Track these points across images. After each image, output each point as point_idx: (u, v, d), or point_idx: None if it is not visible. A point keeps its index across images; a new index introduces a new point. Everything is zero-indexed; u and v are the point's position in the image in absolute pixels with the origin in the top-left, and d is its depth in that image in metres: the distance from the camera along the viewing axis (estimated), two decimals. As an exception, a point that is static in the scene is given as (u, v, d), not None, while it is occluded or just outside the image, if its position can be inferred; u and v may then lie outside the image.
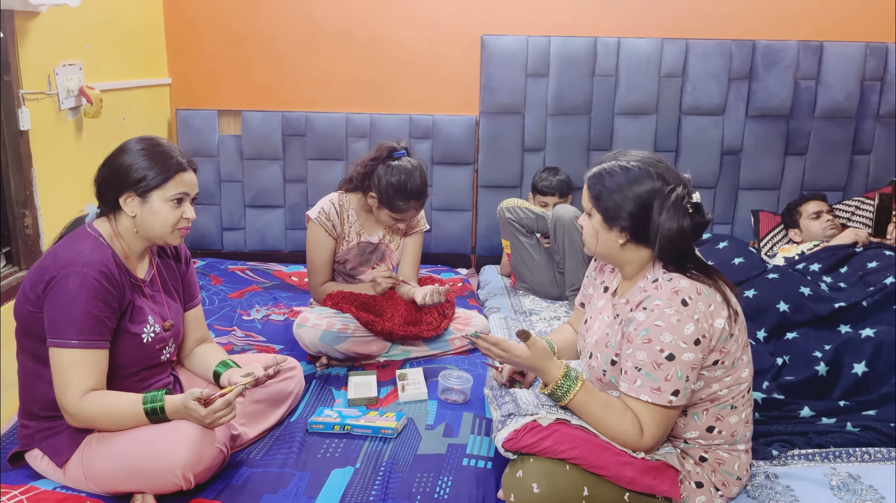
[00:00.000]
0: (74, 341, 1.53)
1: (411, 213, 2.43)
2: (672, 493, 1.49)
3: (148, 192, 1.62)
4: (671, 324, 1.41)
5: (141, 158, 1.62)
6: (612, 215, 1.51)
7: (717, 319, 1.44)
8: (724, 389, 1.52)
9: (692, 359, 1.42)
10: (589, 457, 1.45)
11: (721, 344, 1.46)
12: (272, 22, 3.34)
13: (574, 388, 1.52)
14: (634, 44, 3.24)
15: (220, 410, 1.58)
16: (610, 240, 1.54)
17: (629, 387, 1.46)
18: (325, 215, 2.45)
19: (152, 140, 1.67)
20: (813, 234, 2.96)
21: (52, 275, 1.54)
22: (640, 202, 1.48)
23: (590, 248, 1.61)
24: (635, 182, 1.49)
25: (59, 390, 1.56)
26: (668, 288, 1.45)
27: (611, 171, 1.53)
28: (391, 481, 1.73)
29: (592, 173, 1.57)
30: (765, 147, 3.33)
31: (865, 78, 3.26)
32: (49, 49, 2.37)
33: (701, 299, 1.44)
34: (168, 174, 1.63)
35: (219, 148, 3.40)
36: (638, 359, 1.44)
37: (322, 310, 2.40)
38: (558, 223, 2.79)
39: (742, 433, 1.57)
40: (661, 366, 1.41)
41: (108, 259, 1.60)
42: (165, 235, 1.67)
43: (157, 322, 1.72)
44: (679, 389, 1.42)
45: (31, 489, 1.60)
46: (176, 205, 1.65)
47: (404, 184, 2.33)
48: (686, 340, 1.41)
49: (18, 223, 2.27)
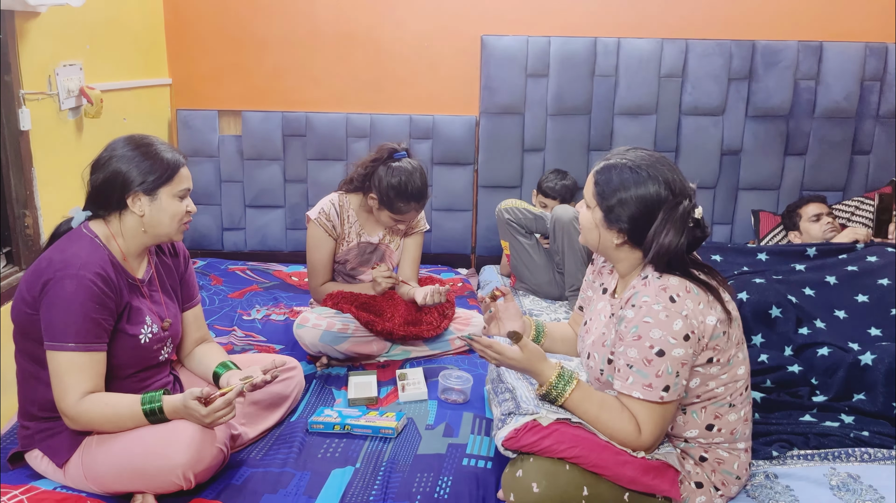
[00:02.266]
0: (71, 344, 1.53)
1: (412, 215, 2.43)
2: (672, 493, 1.49)
3: (156, 189, 1.63)
4: (660, 320, 1.42)
5: (142, 158, 1.63)
6: (613, 215, 1.51)
7: (707, 316, 1.45)
8: (721, 387, 1.52)
9: (682, 355, 1.42)
10: (589, 456, 1.46)
11: (714, 341, 1.46)
12: (272, 22, 3.34)
13: (568, 389, 1.53)
14: (634, 44, 3.24)
15: (221, 409, 1.58)
16: (607, 237, 1.54)
17: (622, 385, 1.47)
18: (326, 215, 2.45)
19: (143, 139, 1.68)
20: (813, 237, 2.97)
21: (48, 278, 1.54)
22: (644, 208, 1.48)
23: (586, 240, 1.60)
24: (642, 187, 1.48)
25: (58, 394, 1.56)
26: (657, 285, 1.46)
27: (620, 169, 1.51)
28: (391, 481, 1.73)
29: (601, 168, 1.55)
30: (765, 147, 3.33)
31: (865, 78, 3.26)
32: (49, 49, 2.37)
33: (690, 297, 1.44)
34: (173, 170, 1.65)
35: (219, 148, 3.40)
36: (629, 356, 1.45)
37: (322, 311, 2.40)
38: (557, 224, 2.78)
39: (741, 431, 1.58)
40: (651, 362, 1.42)
41: (105, 261, 1.60)
42: (173, 231, 1.69)
43: (155, 322, 1.72)
44: (669, 385, 1.43)
45: (32, 489, 1.61)
46: (181, 199, 1.68)
47: (405, 185, 2.33)
48: (675, 336, 1.41)
49: (19, 223, 2.27)
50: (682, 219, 1.46)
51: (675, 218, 1.45)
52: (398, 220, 2.43)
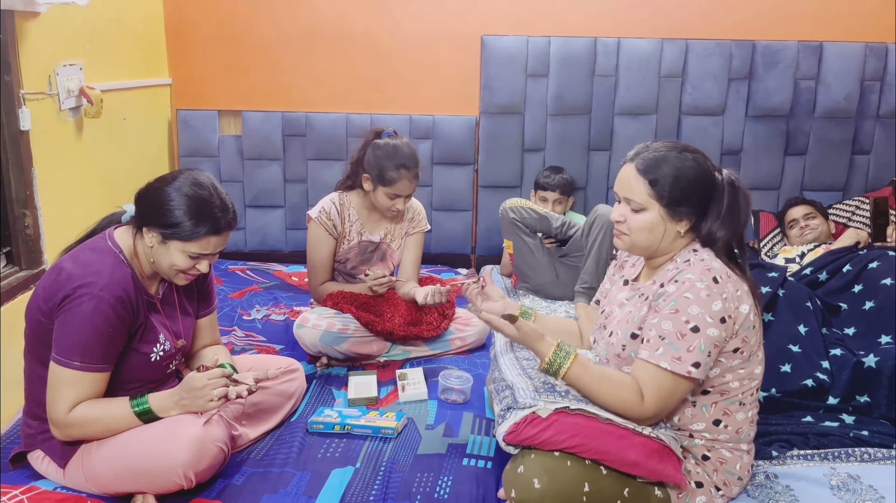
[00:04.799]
0: (77, 363, 1.53)
1: (404, 185, 2.38)
2: (677, 479, 1.48)
3: (170, 239, 1.59)
4: (700, 297, 1.44)
5: (181, 207, 1.57)
6: (679, 207, 1.51)
7: (742, 304, 1.47)
8: (737, 381, 1.53)
9: (716, 336, 1.43)
10: (591, 443, 1.45)
11: (745, 332, 1.48)
12: (272, 22, 3.34)
13: (567, 362, 1.52)
14: (634, 44, 3.24)
15: (217, 378, 1.59)
16: (672, 230, 1.54)
17: (650, 355, 1.46)
18: (326, 214, 2.45)
19: (205, 189, 1.60)
20: (793, 242, 3.00)
21: (68, 294, 1.52)
22: (703, 189, 1.51)
23: (644, 242, 1.56)
24: (695, 169, 1.51)
25: (51, 402, 1.56)
26: (701, 265, 1.49)
27: (667, 160, 1.52)
28: (391, 481, 1.73)
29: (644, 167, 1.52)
30: (765, 147, 3.33)
31: (865, 78, 3.26)
32: (49, 49, 2.37)
33: (731, 281, 1.47)
34: (197, 234, 1.59)
35: (219, 148, 3.40)
36: (663, 328, 1.46)
37: (322, 311, 2.40)
38: (598, 220, 2.70)
39: (747, 432, 1.58)
40: (685, 336, 1.43)
41: (127, 280, 1.58)
42: (170, 276, 1.66)
43: (169, 339, 1.71)
44: (700, 362, 1.43)
45: (32, 489, 1.61)
46: (192, 258, 1.63)
47: (393, 152, 2.35)
48: (713, 316, 1.43)
49: (19, 223, 2.27)
50: (738, 191, 1.52)
51: (729, 191, 1.51)
52: (394, 196, 2.40)
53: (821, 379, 2.03)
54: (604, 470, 1.47)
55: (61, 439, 1.60)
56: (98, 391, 1.58)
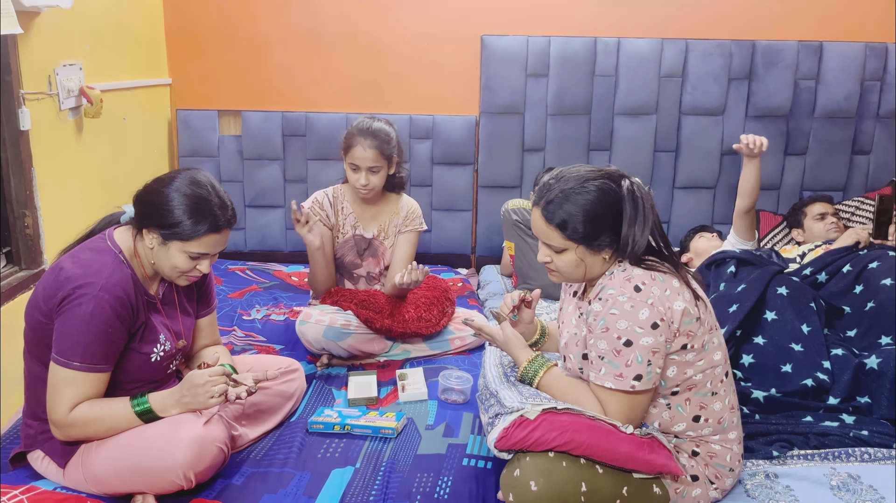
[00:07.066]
0: (77, 363, 1.53)
1: (360, 153, 2.33)
2: (671, 468, 1.48)
3: (170, 239, 1.59)
4: (625, 310, 1.45)
5: (180, 206, 1.57)
6: (595, 240, 1.52)
7: (674, 302, 1.47)
8: (699, 374, 1.53)
9: (651, 344, 1.44)
10: (581, 438, 1.45)
11: (687, 327, 1.48)
12: (272, 22, 3.34)
13: (541, 372, 1.62)
14: (634, 44, 3.24)
15: (219, 375, 1.59)
16: (595, 262, 1.56)
17: (595, 377, 1.51)
18: (319, 204, 2.48)
19: (204, 188, 1.61)
20: (815, 235, 2.97)
21: (67, 294, 1.52)
22: (611, 210, 1.51)
23: (572, 277, 1.59)
24: (595, 193, 1.50)
25: (51, 402, 1.55)
26: (621, 277, 1.50)
27: (566, 197, 1.51)
28: (391, 481, 1.73)
29: (546, 213, 1.53)
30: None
31: (865, 78, 3.26)
32: (49, 49, 2.37)
33: (655, 284, 1.47)
34: (197, 233, 1.59)
35: (219, 148, 3.40)
36: (599, 348, 1.49)
37: (324, 307, 2.41)
38: None
39: (729, 419, 1.58)
40: (620, 352, 1.46)
41: (127, 280, 1.58)
42: (172, 278, 1.67)
43: (169, 339, 1.71)
44: (641, 373, 1.45)
45: (32, 489, 1.61)
46: (193, 258, 1.63)
47: (358, 125, 2.38)
48: (642, 325, 1.44)
49: (18, 223, 2.27)
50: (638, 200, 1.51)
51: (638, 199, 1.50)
52: (355, 168, 2.38)
53: (821, 379, 2.03)
54: (600, 469, 1.47)
55: (61, 439, 1.60)
56: (98, 391, 1.58)
